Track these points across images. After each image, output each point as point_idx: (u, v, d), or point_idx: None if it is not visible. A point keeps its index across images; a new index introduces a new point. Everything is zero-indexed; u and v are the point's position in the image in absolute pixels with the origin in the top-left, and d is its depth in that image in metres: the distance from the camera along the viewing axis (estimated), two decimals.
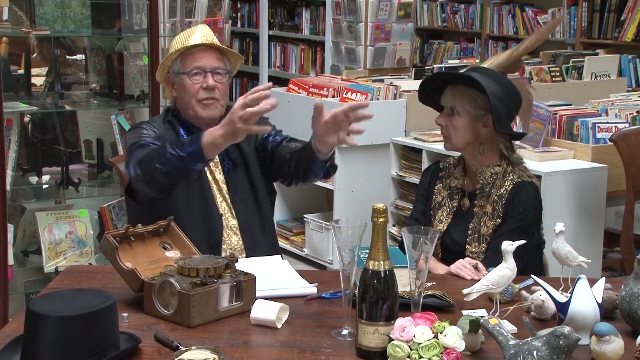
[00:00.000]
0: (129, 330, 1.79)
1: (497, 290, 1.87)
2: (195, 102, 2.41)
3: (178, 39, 2.46)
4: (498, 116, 2.32)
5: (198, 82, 2.40)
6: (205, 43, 2.40)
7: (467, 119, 2.37)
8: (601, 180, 3.54)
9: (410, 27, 5.85)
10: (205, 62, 2.40)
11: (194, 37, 2.41)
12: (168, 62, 2.45)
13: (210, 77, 2.40)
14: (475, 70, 2.44)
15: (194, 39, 2.41)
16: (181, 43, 2.42)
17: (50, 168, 3.42)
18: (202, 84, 2.40)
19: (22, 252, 3.38)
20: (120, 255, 1.97)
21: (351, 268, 1.79)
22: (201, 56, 2.40)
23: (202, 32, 2.43)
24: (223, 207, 2.46)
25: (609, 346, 1.65)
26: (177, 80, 2.44)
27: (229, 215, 2.45)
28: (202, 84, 2.40)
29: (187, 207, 2.38)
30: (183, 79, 2.41)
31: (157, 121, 2.52)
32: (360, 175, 4.43)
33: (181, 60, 2.42)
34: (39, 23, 3.36)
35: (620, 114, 3.81)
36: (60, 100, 3.42)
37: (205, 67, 2.40)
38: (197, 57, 2.40)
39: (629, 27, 5.82)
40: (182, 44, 2.41)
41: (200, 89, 2.40)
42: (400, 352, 1.63)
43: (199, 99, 2.40)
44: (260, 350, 1.77)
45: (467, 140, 2.39)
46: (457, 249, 2.39)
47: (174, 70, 2.44)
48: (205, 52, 2.41)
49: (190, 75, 2.40)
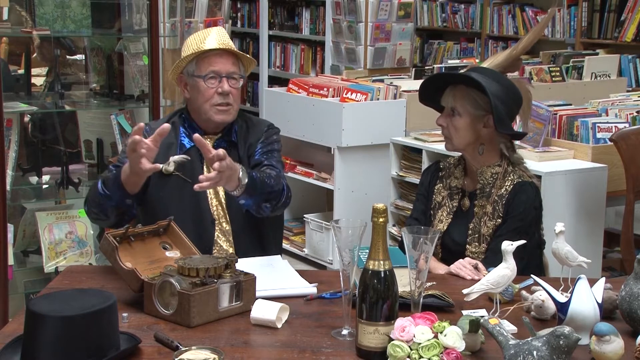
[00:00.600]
0: (129, 330, 1.79)
1: (497, 290, 1.87)
2: (209, 106, 2.40)
3: (193, 39, 2.43)
4: (499, 116, 2.32)
5: (213, 86, 2.38)
6: (222, 48, 2.39)
7: (467, 119, 2.37)
8: (601, 180, 3.54)
9: (410, 27, 5.86)
10: (221, 66, 2.39)
11: (210, 40, 2.39)
12: (183, 63, 2.42)
13: (226, 82, 2.39)
14: (475, 70, 2.45)
15: (211, 42, 2.38)
16: (197, 45, 2.39)
17: (50, 168, 3.41)
18: (217, 88, 2.38)
19: (22, 252, 3.37)
20: (120, 255, 1.98)
21: (351, 268, 1.79)
22: (217, 60, 2.39)
23: (218, 35, 2.40)
24: (218, 212, 2.43)
25: (609, 346, 1.65)
26: (190, 81, 2.43)
27: (224, 221, 2.43)
28: (217, 89, 2.39)
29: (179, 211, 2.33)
30: (198, 81, 2.40)
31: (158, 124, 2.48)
32: (360, 175, 4.44)
33: (196, 63, 2.40)
34: (39, 23, 3.35)
35: (620, 114, 3.82)
36: (60, 100, 3.41)
37: (221, 72, 2.39)
38: (213, 61, 2.38)
39: (629, 27, 5.83)
40: (198, 46, 2.39)
41: (215, 94, 2.39)
42: (400, 352, 1.63)
43: (213, 103, 2.39)
44: (260, 350, 1.77)
45: (468, 141, 2.39)
46: (457, 249, 2.40)
47: (188, 71, 2.42)
48: (221, 57, 2.39)
49: (205, 79, 2.39)
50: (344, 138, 4.35)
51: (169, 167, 2.34)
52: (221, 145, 2.42)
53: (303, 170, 4.71)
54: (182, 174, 2.38)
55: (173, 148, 2.43)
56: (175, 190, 2.38)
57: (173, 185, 2.39)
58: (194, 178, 2.31)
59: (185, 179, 2.37)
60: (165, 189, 2.37)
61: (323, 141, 4.52)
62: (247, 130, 2.49)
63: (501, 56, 2.59)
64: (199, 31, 2.49)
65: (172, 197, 2.36)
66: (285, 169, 4.76)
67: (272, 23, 7.23)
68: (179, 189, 2.38)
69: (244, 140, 2.47)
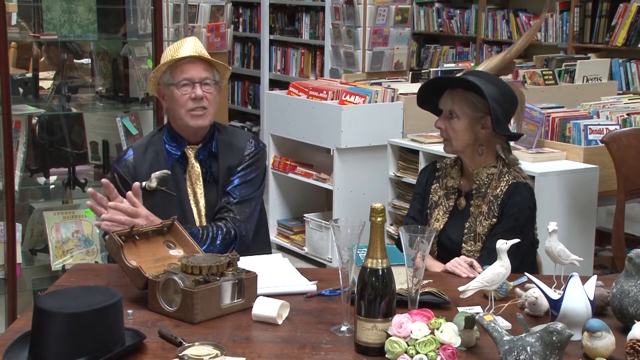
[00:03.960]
0: (134, 326, 1.80)
1: (492, 287, 1.88)
2: (184, 112, 2.43)
3: (168, 50, 2.48)
4: (497, 117, 2.33)
5: (187, 92, 2.42)
6: (193, 55, 2.42)
7: (466, 121, 2.38)
8: (593, 180, 3.54)
9: (407, 31, 5.88)
10: (193, 73, 2.42)
11: (183, 49, 2.43)
12: (158, 74, 2.46)
13: (199, 87, 2.42)
14: (472, 74, 2.46)
15: (183, 51, 2.42)
16: (171, 55, 2.44)
17: (58, 169, 3.42)
18: (191, 94, 2.42)
19: (30, 251, 3.39)
20: (125, 254, 1.99)
21: (350, 266, 1.80)
22: (189, 67, 2.42)
23: (191, 44, 2.44)
24: (200, 223, 2.47)
25: (601, 342, 1.66)
26: (167, 91, 2.46)
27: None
28: (190, 95, 2.42)
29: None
30: (172, 90, 2.44)
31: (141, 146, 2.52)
32: (359, 176, 4.45)
33: (171, 72, 2.44)
34: (47, 28, 3.35)
35: (611, 116, 3.81)
36: (67, 102, 3.43)
37: (194, 78, 2.42)
38: (186, 69, 2.42)
39: (619, 32, 5.86)
40: (172, 56, 2.43)
41: (189, 100, 2.42)
42: (398, 347, 1.64)
43: (188, 109, 2.43)
44: (261, 346, 1.77)
45: (467, 142, 2.41)
46: (453, 247, 2.41)
47: (164, 81, 2.46)
48: (193, 64, 2.43)
49: (179, 86, 2.42)
50: (342, 139, 4.38)
51: (151, 184, 2.41)
52: (202, 154, 2.48)
53: (303, 171, 4.73)
54: (166, 189, 2.43)
55: (161, 161, 2.47)
56: (161, 203, 2.42)
57: (159, 199, 2.43)
58: (178, 191, 2.41)
59: (170, 193, 2.44)
60: (152, 204, 2.39)
61: (322, 142, 4.54)
62: (230, 144, 2.51)
63: (496, 59, 2.62)
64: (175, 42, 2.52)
65: (159, 210, 2.37)
66: (285, 169, 4.81)
67: (273, 28, 7.23)
68: (165, 203, 2.42)
69: (225, 155, 2.49)
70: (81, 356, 1.61)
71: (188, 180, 2.48)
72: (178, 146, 2.50)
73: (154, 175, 2.43)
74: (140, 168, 2.48)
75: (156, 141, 2.52)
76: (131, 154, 2.51)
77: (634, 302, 1.81)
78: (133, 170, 2.48)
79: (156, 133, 2.59)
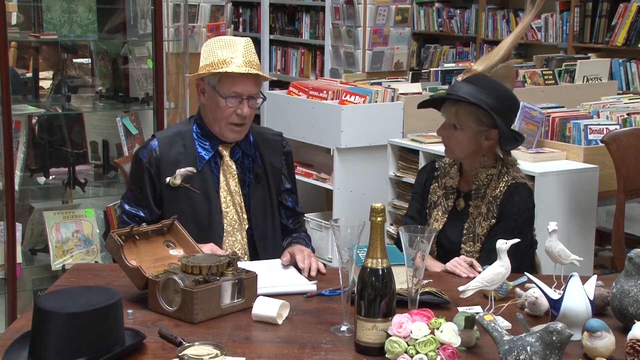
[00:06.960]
0: (134, 326, 1.81)
1: (491, 287, 1.88)
2: (225, 123, 2.36)
3: (220, 51, 2.33)
4: (505, 137, 2.33)
5: (233, 106, 2.34)
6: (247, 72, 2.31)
7: (470, 134, 2.37)
8: (593, 180, 3.53)
9: (407, 31, 5.88)
10: (243, 88, 2.33)
11: (237, 60, 2.31)
12: (206, 73, 2.35)
13: (246, 104, 2.34)
14: (471, 81, 2.41)
15: (237, 62, 2.31)
16: (222, 58, 2.31)
17: (57, 169, 3.43)
18: (237, 109, 2.34)
19: (30, 251, 3.40)
20: (126, 254, 1.99)
21: (350, 266, 1.80)
22: (240, 81, 2.33)
23: (244, 56, 2.32)
24: (231, 222, 2.42)
25: (601, 342, 1.67)
26: (211, 93, 2.37)
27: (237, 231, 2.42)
28: (236, 109, 2.34)
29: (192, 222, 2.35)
30: (218, 97, 2.35)
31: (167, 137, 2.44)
32: (359, 176, 4.45)
33: (219, 79, 2.34)
34: (47, 28, 3.35)
35: (611, 116, 3.80)
36: (67, 102, 3.43)
37: (243, 94, 2.34)
38: (237, 82, 2.33)
39: (619, 32, 5.86)
40: (224, 61, 2.31)
41: (233, 114, 2.35)
42: (398, 347, 1.65)
43: (229, 122, 2.36)
44: (261, 346, 1.78)
45: (469, 152, 2.40)
46: (453, 248, 2.41)
47: (209, 82, 2.36)
48: (245, 78, 2.33)
49: (226, 97, 2.34)
50: (342, 139, 4.38)
51: (175, 180, 2.37)
52: (236, 154, 2.44)
53: (303, 171, 4.73)
54: (189, 186, 2.38)
55: (190, 158, 2.40)
56: (186, 201, 2.39)
57: (184, 197, 2.39)
58: (206, 190, 2.36)
59: (194, 191, 2.38)
60: (178, 200, 2.38)
61: (322, 142, 4.54)
62: (265, 139, 2.49)
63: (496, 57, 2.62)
64: (224, 38, 2.39)
65: (184, 208, 2.36)
66: None
67: (273, 27, 7.23)
68: (189, 201, 2.39)
69: (265, 151, 2.47)
70: (81, 356, 1.61)
71: (223, 179, 2.41)
72: (211, 144, 2.42)
73: (178, 172, 2.36)
74: (165, 160, 2.39)
75: (185, 135, 2.42)
76: (156, 144, 2.41)
77: (634, 302, 1.81)
78: (158, 161, 2.39)
79: (184, 125, 2.48)
